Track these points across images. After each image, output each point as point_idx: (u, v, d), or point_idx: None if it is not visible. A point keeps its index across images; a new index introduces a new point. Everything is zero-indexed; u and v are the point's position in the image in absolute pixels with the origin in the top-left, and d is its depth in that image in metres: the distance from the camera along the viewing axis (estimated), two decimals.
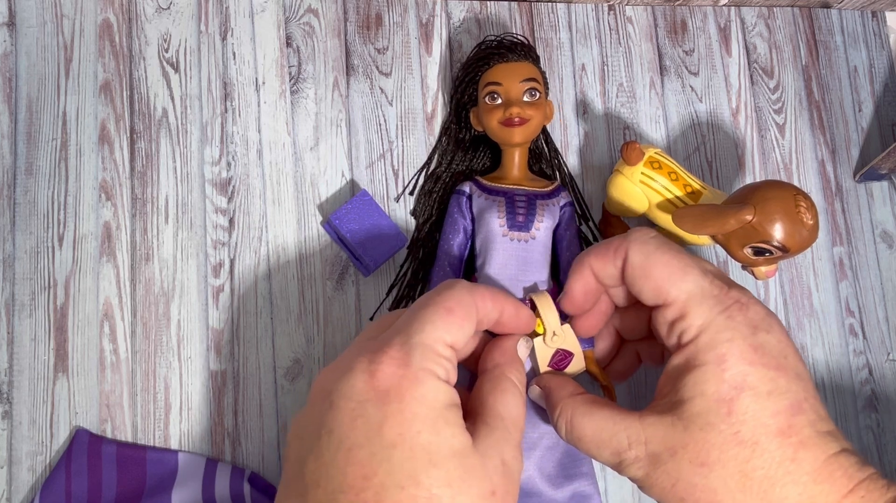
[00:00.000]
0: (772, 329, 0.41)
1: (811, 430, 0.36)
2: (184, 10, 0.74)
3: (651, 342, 0.56)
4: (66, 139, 0.69)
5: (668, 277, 0.41)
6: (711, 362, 0.37)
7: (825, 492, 0.33)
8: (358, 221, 0.59)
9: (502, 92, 0.66)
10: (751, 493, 0.34)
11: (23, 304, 0.66)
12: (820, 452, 0.35)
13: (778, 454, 0.34)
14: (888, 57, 0.85)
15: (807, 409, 0.38)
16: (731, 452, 0.34)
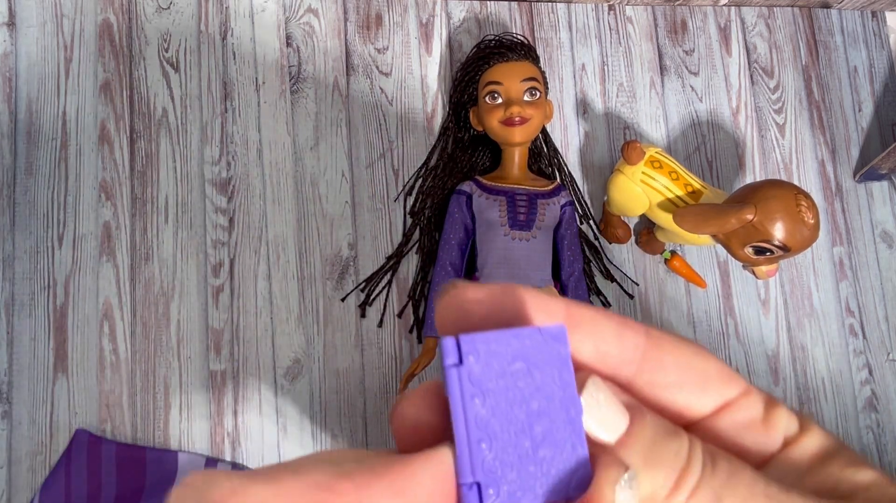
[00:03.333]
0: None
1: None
2: (184, 10, 0.73)
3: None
4: (66, 139, 0.69)
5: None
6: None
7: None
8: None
9: (502, 91, 0.66)
10: None
11: (23, 304, 0.66)
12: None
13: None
14: (888, 57, 0.85)
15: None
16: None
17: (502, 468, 0.15)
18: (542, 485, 0.15)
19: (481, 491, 0.14)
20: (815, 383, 0.76)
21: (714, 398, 0.17)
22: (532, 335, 0.15)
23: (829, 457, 0.17)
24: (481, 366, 0.15)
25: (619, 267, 0.75)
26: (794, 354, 0.76)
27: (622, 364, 0.16)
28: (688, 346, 0.17)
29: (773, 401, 0.18)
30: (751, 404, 0.17)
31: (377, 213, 0.72)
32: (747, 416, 0.17)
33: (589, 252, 0.75)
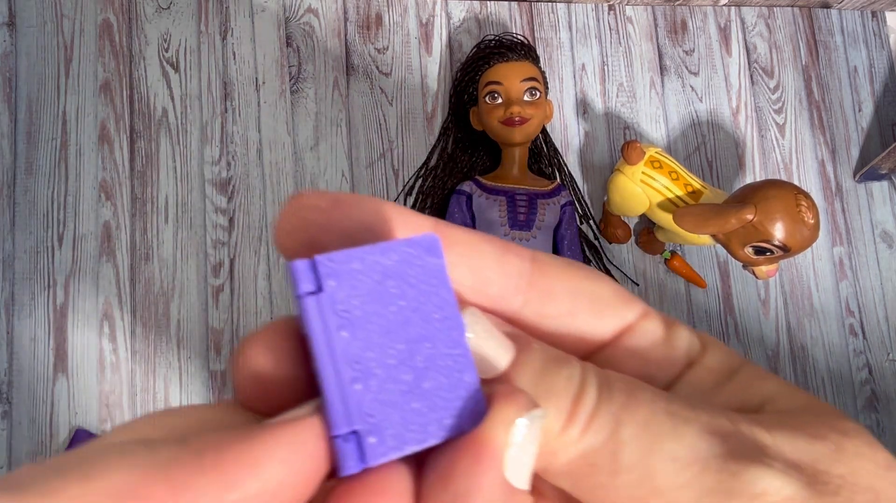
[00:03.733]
0: None
1: None
2: (184, 10, 0.74)
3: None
4: (66, 139, 0.69)
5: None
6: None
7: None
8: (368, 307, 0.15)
9: (502, 91, 0.66)
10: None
11: (23, 304, 0.66)
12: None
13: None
14: (888, 57, 0.86)
15: None
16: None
17: (383, 410, 0.12)
18: (432, 423, 0.13)
19: (361, 441, 0.12)
20: (815, 383, 0.76)
21: (612, 322, 0.16)
22: (400, 249, 0.13)
23: (734, 372, 0.16)
24: (345, 290, 0.12)
25: (619, 267, 0.75)
26: (794, 354, 0.76)
27: (506, 294, 0.14)
28: (578, 270, 0.15)
29: (673, 321, 0.16)
30: (650, 326, 0.16)
31: None
32: (648, 338, 0.16)
33: (589, 252, 0.75)
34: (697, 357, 0.16)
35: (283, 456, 0.12)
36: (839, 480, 0.13)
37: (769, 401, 0.15)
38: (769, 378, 0.15)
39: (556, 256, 0.15)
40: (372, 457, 0.12)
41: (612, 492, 0.13)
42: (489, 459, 0.12)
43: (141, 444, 0.11)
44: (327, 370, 0.12)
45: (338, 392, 0.12)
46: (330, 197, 0.14)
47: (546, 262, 0.15)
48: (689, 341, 0.16)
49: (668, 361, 0.16)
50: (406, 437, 0.12)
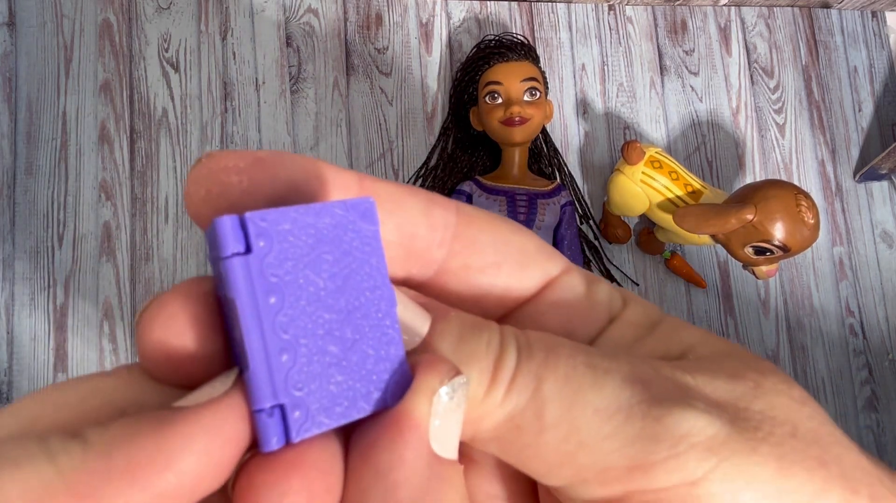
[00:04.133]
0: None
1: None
2: (184, 10, 0.74)
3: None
4: (66, 139, 0.69)
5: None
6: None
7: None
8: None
9: (503, 91, 0.66)
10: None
11: (23, 304, 0.66)
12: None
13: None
14: (888, 57, 0.86)
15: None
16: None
17: (310, 382, 0.11)
18: (359, 397, 0.12)
19: (286, 415, 0.11)
20: (815, 383, 0.76)
21: (535, 275, 0.15)
22: (334, 211, 0.12)
23: (655, 325, 0.16)
24: (276, 253, 0.11)
25: (619, 267, 0.75)
26: (794, 354, 0.76)
27: (431, 246, 0.14)
28: (502, 222, 0.15)
29: (594, 277, 0.16)
30: (572, 281, 0.16)
31: None
32: (570, 293, 0.16)
33: (589, 252, 0.75)
34: (619, 312, 0.16)
35: (201, 446, 0.11)
36: (759, 416, 0.13)
37: (690, 350, 0.15)
38: (690, 328, 0.15)
39: (480, 209, 0.15)
40: (296, 433, 0.11)
41: (539, 450, 0.13)
42: (411, 431, 0.12)
43: (38, 450, 0.10)
44: (253, 339, 0.11)
45: (264, 363, 0.11)
46: (249, 156, 0.12)
47: (471, 214, 0.15)
48: (609, 296, 0.16)
49: (589, 316, 0.16)
50: (332, 412, 0.12)
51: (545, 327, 0.15)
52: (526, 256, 0.15)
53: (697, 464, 0.12)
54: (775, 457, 0.12)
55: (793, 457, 0.13)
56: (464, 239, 0.14)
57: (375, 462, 0.12)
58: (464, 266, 0.15)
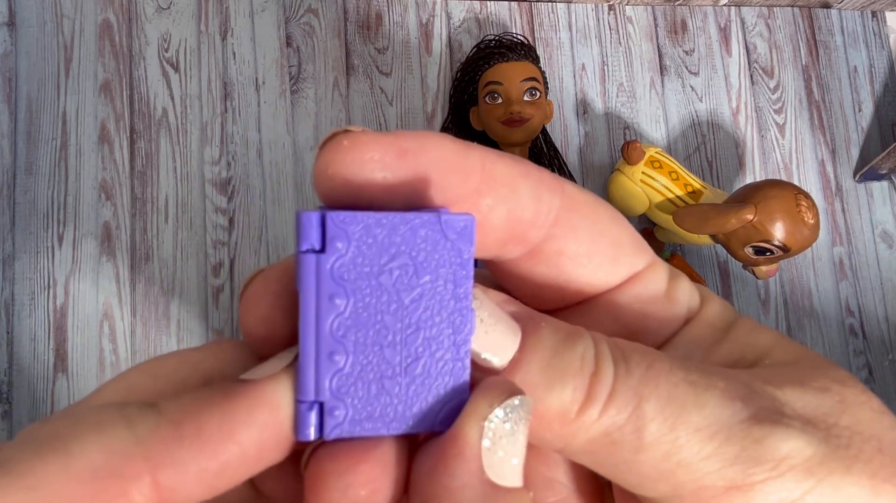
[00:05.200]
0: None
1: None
2: (184, 10, 0.74)
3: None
4: (66, 139, 0.69)
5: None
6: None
7: None
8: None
9: (503, 91, 0.66)
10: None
11: (23, 304, 0.66)
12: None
13: None
14: (888, 57, 0.85)
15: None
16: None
17: (358, 387, 0.11)
18: (405, 412, 0.12)
19: (324, 412, 0.11)
20: None
21: (623, 269, 0.15)
22: (428, 224, 0.12)
23: (730, 326, 0.15)
24: (351, 256, 0.11)
25: None
26: None
27: (532, 228, 0.14)
28: (604, 210, 0.15)
29: (677, 273, 0.16)
30: (656, 277, 0.15)
31: None
32: (652, 290, 0.15)
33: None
34: (696, 311, 0.16)
35: (261, 420, 0.11)
36: (848, 432, 0.13)
37: (766, 354, 0.15)
38: (764, 331, 0.15)
39: (584, 191, 0.15)
40: (329, 431, 0.11)
41: (636, 467, 0.12)
42: (457, 458, 0.11)
43: (118, 416, 0.11)
44: (307, 335, 0.11)
45: (311, 360, 0.11)
46: (394, 146, 0.12)
47: (575, 198, 0.14)
48: (689, 295, 0.16)
49: (667, 314, 0.15)
50: (376, 421, 0.12)
51: (620, 320, 0.15)
52: (618, 249, 0.15)
53: (796, 484, 0.12)
54: (868, 474, 0.12)
55: (883, 474, 0.12)
56: (564, 224, 0.14)
57: (423, 488, 0.11)
58: (557, 252, 0.14)
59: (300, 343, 0.11)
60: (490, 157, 0.14)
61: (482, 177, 0.13)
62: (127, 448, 0.11)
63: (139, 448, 0.11)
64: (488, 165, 0.13)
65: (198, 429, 0.11)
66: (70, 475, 0.10)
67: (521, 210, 0.14)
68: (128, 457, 0.10)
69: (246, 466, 0.11)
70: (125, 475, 0.10)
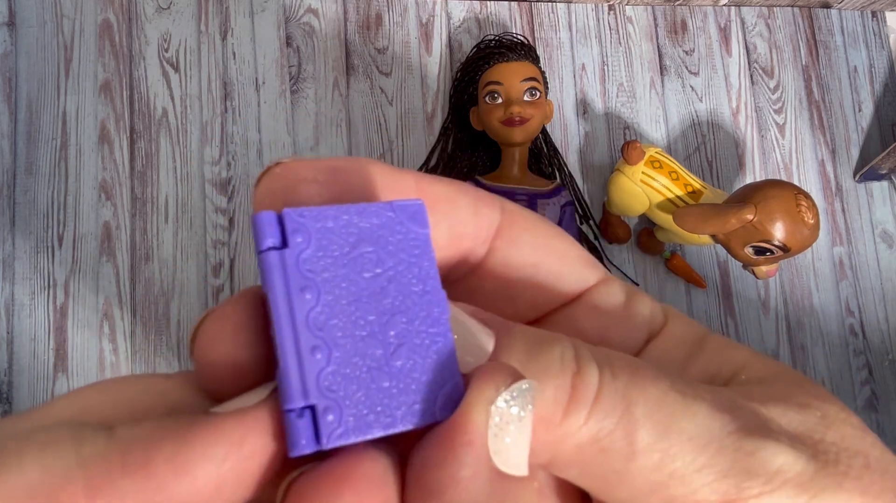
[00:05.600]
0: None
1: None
2: (184, 10, 0.74)
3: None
4: (66, 139, 0.69)
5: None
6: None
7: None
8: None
9: (503, 91, 0.66)
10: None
11: (23, 304, 0.66)
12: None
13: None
14: (888, 57, 0.86)
15: None
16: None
17: (346, 385, 0.11)
18: (402, 407, 0.11)
19: (317, 418, 0.11)
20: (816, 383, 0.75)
21: (572, 281, 0.15)
22: (381, 212, 0.12)
23: (701, 342, 0.15)
24: (313, 248, 0.11)
25: (619, 267, 0.75)
26: (794, 354, 0.76)
27: (476, 245, 0.14)
28: (545, 226, 0.15)
29: (635, 290, 0.16)
30: (611, 291, 0.15)
31: None
32: (609, 302, 0.15)
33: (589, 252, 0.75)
34: (661, 327, 0.15)
35: (221, 454, 0.10)
36: (834, 448, 0.13)
37: (741, 370, 0.14)
38: (737, 347, 0.15)
39: (522, 208, 0.15)
40: (328, 439, 0.11)
41: (627, 478, 0.12)
42: (465, 447, 0.11)
43: (67, 435, 0.10)
44: (285, 334, 0.11)
45: (294, 359, 0.11)
46: (325, 166, 0.12)
47: (514, 213, 0.15)
48: (650, 310, 0.15)
49: (627, 328, 0.15)
50: (370, 420, 0.11)
51: (581, 333, 0.14)
52: (565, 261, 0.15)
53: (790, 500, 0.12)
54: (859, 491, 0.12)
55: (873, 490, 0.12)
56: (505, 237, 0.14)
57: (428, 482, 0.11)
58: (502, 264, 0.14)
59: (277, 345, 0.11)
60: (424, 178, 0.14)
61: (419, 195, 0.13)
62: (68, 470, 0.10)
63: (81, 471, 0.10)
64: (424, 185, 0.13)
65: (146, 459, 0.10)
66: (2, 490, 0.10)
67: (463, 225, 0.14)
68: (67, 479, 0.10)
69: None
70: (60, 498, 0.10)
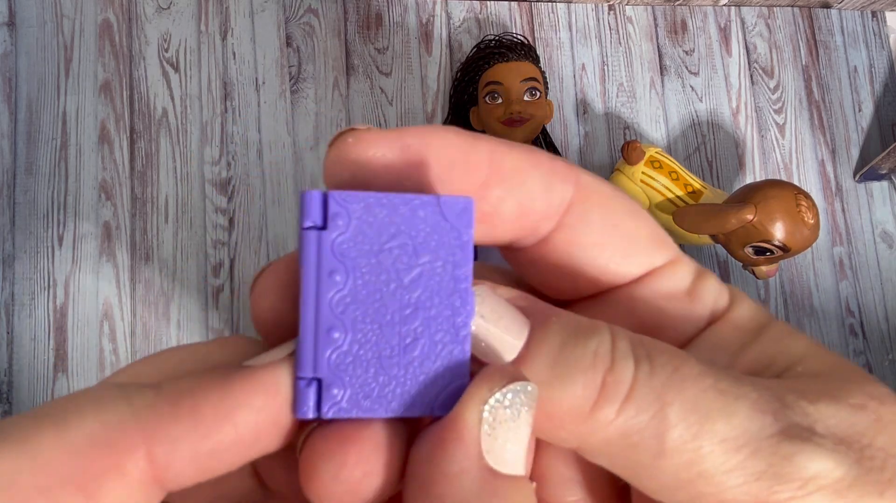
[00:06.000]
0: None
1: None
2: (184, 10, 0.74)
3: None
4: (66, 139, 0.69)
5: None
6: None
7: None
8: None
9: (503, 91, 0.66)
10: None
11: (23, 304, 0.66)
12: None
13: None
14: (888, 57, 0.86)
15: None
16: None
17: (356, 366, 0.12)
18: (404, 394, 0.12)
19: (322, 389, 0.12)
20: None
21: (639, 263, 0.15)
22: (428, 205, 0.12)
23: (761, 330, 0.15)
24: (351, 233, 0.12)
25: None
26: None
27: (543, 218, 0.14)
28: (620, 203, 0.15)
29: (704, 272, 0.15)
30: (678, 273, 0.15)
31: None
32: (672, 286, 0.15)
33: None
34: (724, 311, 0.15)
35: (259, 403, 0.11)
36: (882, 454, 0.12)
37: (799, 362, 0.14)
38: (798, 337, 0.14)
39: (601, 182, 0.15)
40: (328, 410, 0.11)
41: (654, 473, 0.12)
42: (455, 443, 0.11)
43: (118, 393, 0.11)
44: (307, 310, 0.11)
45: (311, 334, 0.11)
46: (398, 142, 0.12)
47: (589, 188, 0.14)
48: (716, 294, 0.15)
49: (688, 312, 0.15)
50: (371, 402, 0.12)
51: (637, 315, 0.15)
52: (633, 242, 0.15)
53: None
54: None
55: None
56: (574, 214, 0.14)
57: (421, 474, 0.11)
58: (567, 241, 0.14)
59: (300, 319, 0.12)
60: (500, 148, 0.13)
61: (490, 169, 0.13)
62: (123, 421, 0.11)
63: (135, 421, 0.11)
64: (497, 157, 0.13)
65: (194, 407, 0.11)
66: (66, 444, 0.10)
67: (532, 201, 0.14)
68: (124, 429, 0.11)
69: (241, 450, 0.11)
70: (120, 447, 0.11)
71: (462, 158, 0.13)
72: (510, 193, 0.13)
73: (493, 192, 0.13)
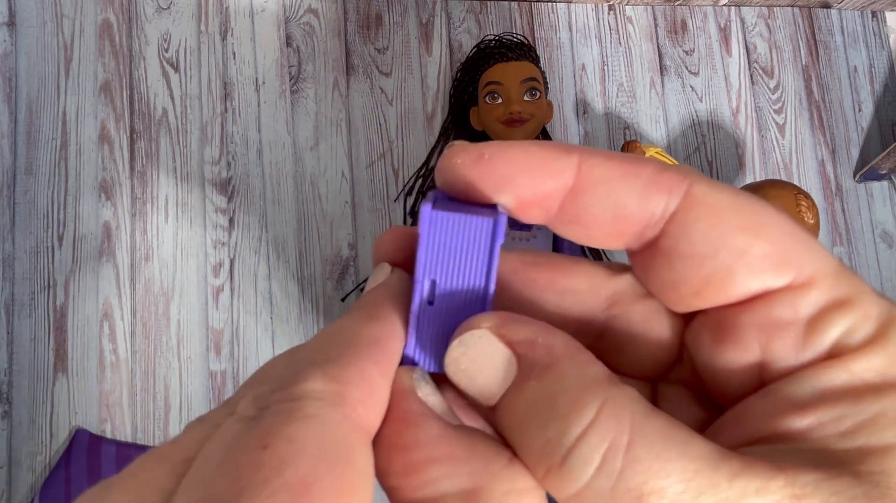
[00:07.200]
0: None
1: None
2: (184, 10, 0.74)
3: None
4: (66, 139, 0.69)
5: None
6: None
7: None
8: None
9: (503, 91, 0.66)
10: None
11: (23, 304, 0.66)
12: None
13: None
14: (888, 57, 0.85)
15: None
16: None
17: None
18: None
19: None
20: None
21: (745, 283, 0.13)
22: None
23: (888, 389, 0.12)
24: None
25: None
26: None
27: (644, 226, 0.14)
28: (738, 217, 0.13)
29: (843, 299, 0.13)
30: (803, 299, 0.13)
31: (377, 214, 0.72)
32: (785, 314, 0.13)
33: (589, 252, 0.75)
34: (850, 350, 0.12)
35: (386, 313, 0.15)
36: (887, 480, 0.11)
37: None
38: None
39: (723, 194, 0.14)
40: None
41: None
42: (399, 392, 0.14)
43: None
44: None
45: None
46: (474, 154, 0.15)
47: (699, 199, 0.14)
48: (848, 328, 0.13)
49: (799, 347, 0.13)
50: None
51: (740, 341, 0.13)
52: (740, 260, 0.13)
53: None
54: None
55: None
56: (676, 223, 0.14)
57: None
58: (670, 249, 0.14)
59: (417, 255, 0.15)
60: (592, 159, 0.14)
61: (578, 177, 0.14)
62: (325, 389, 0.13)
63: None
64: (586, 167, 0.14)
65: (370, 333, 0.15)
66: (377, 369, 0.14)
67: (623, 208, 0.14)
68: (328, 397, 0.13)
69: (393, 359, 0.15)
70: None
71: (539, 166, 0.14)
72: (598, 201, 0.14)
73: (582, 198, 0.14)
